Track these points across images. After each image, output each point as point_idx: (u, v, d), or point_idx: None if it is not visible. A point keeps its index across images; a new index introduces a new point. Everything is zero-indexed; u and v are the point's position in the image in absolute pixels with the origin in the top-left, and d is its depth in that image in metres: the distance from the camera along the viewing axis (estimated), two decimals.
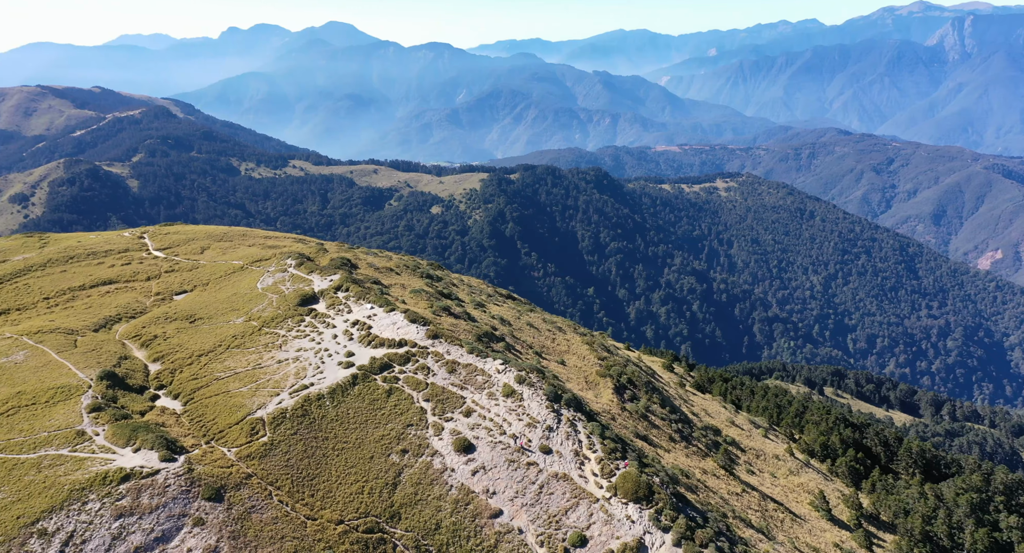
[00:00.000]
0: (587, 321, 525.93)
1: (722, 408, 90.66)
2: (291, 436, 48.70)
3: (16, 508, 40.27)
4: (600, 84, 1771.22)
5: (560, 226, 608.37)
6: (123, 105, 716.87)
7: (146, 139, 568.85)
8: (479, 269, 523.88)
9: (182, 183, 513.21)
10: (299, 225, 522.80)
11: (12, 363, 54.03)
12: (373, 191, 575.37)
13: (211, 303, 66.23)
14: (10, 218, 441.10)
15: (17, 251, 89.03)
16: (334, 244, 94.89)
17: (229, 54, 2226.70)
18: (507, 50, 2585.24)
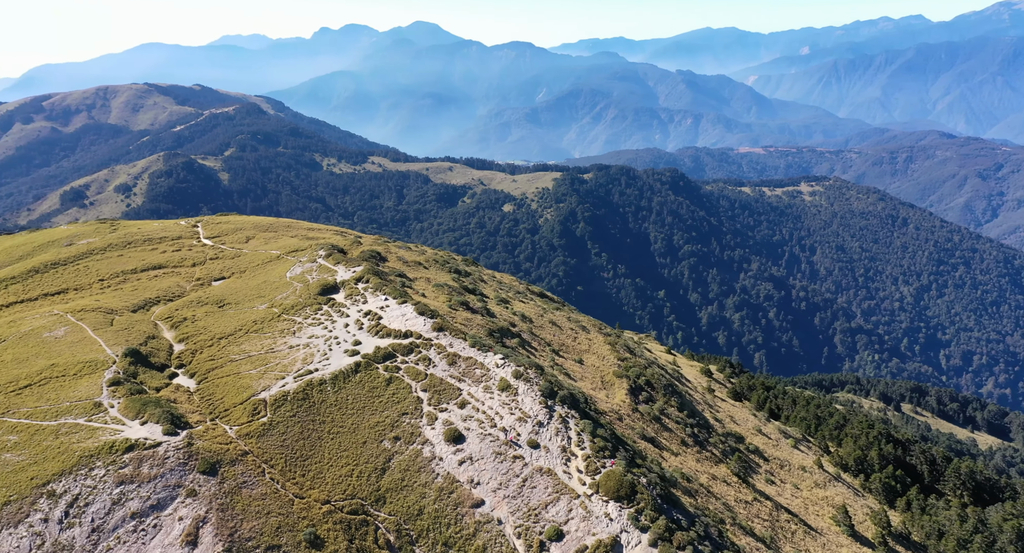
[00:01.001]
0: (656, 324, 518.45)
1: (751, 416, 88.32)
2: (290, 418, 51.21)
3: (31, 470, 44.26)
4: (683, 83, 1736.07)
5: (632, 227, 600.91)
6: (220, 102, 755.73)
7: (238, 134, 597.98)
8: (548, 268, 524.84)
9: (268, 177, 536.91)
10: (375, 220, 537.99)
11: (53, 337, 59.13)
12: (447, 188, 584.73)
13: (241, 289, 70.07)
14: (114, 206, 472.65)
15: (89, 236, 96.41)
16: (371, 237, 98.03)
17: (320, 53, 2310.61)
18: (589, 49, 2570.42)
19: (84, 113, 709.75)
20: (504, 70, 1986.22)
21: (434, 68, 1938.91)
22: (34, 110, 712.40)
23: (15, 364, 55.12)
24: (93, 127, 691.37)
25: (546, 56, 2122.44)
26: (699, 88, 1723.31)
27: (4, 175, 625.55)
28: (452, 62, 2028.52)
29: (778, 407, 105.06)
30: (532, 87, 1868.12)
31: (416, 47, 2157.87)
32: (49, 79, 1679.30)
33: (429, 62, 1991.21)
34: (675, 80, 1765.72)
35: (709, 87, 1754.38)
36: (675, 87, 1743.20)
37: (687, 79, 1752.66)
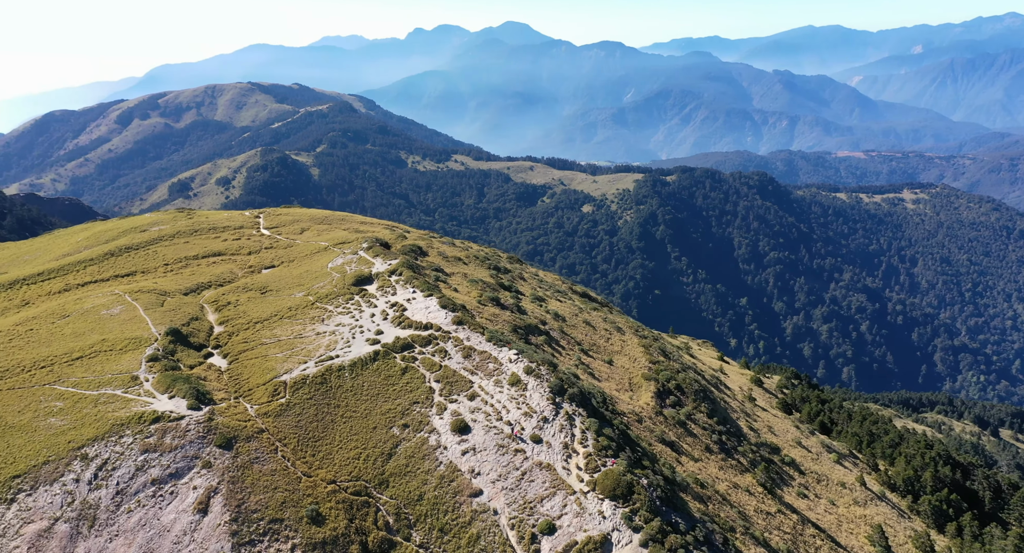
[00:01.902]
0: (737, 332, 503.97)
1: (793, 428, 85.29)
2: (306, 400, 53.88)
3: (70, 434, 48.62)
4: (780, 84, 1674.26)
5: (715, 232, 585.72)
6: (315, 100, 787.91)
7: (330, 132, 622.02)
8: (625, 270, 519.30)
9: (356, 173, 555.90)
10: (455, 217, 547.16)
11: (109, 315, 64.36)
12: (527, 187, 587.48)
13: (285, 277, 73.88)
14: (215, 198, 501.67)
15: (166, 223, 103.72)
16: (419, 232, 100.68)
17: (413, 53, 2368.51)
18: (681, 48, 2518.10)
19: (194, 110, 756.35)
20: (592, 70, 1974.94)
21: (522, 68, 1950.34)
22: (151, 107, 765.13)
23: (73, 337, 60.50)
24: (201, 123, 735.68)
25: (636, 56, 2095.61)
26: (797, 89, 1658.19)
27: (123, 167, 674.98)
28: (540, 62, 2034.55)
29: (831, 421, 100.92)
30: (620, 87, 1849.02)
31: (506, 47, 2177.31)
32: (167, 78, 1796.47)
33: (518, 62, 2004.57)
34: (771, 80, 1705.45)
35: (808, 88, 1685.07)
36: (771, 88, 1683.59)
37: (784, 80, 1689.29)
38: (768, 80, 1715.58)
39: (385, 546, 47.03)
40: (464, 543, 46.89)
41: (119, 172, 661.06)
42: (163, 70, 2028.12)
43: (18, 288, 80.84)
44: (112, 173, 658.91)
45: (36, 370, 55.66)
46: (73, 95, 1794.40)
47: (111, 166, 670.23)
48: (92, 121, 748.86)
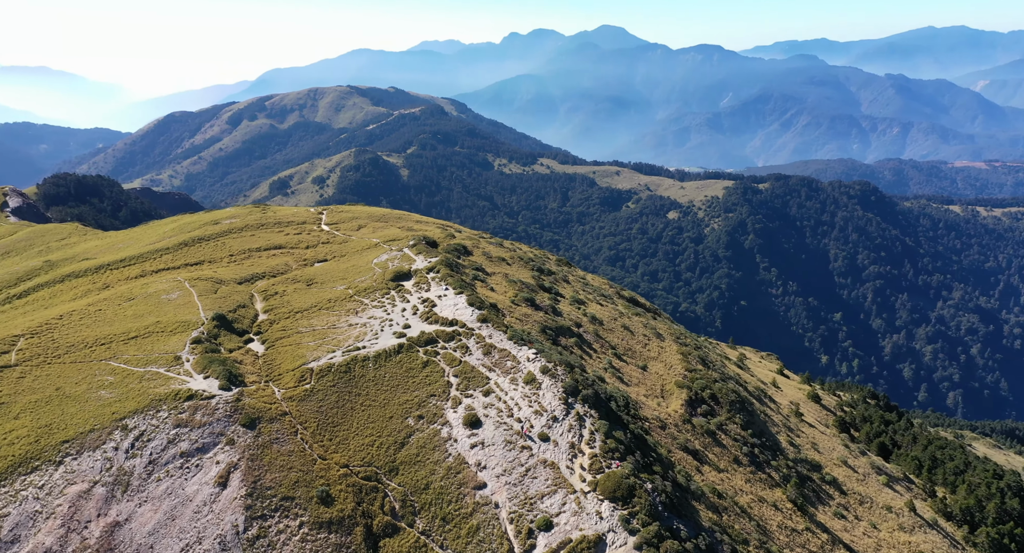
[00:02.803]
0: (829, 349, 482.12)
1: (841, 446, 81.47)
2: (330, 387, 56.61)
3: (115, 406, 53.20)
4: (892, 88, 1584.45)
5: (809, 243, 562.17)
6: (409, 103, 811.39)
7: (420, 134, 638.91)
8: (710, 280, 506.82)
9: (443, 174, 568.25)
10: (538, 220, 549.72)
11: (168, 299, 69.69)
12: (612, 192, 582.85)
13: (332, 271, 77.51)
14: (310, 196, 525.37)
15: (241, 217, 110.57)
16: (470, 232, 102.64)
17: (508, 57, 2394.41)
18: (784, 51, 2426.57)
19: (296, 112, 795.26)
20: (688, 74, 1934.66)
21: (616, 71, 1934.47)
22: (258, 109, 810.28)
23: (133, 318, 65.95)
24: (303, 124, 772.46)
25: (735, 59, 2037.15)
26: (911, 94, 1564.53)
27: (231, 164, 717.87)
28: (635, 65, 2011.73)
29: (894, 443, 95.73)
30: (716, 91, 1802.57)
31: (600, 51, 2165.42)
32: (277, 81, 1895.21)
33: (611, 65, 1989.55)
34: (883, 85, 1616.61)
35: (924, 93, 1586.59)
36: (882, 92, 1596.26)
37: (898, 84, 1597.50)
38: (879, 84, 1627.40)
39: (389, 530, 48.88)
40: (464, 533, 48.12)
41: (228, 169, 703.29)
42: (273, 74, 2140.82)
43: (103, 273, 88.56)
44: (222, 170, 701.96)
45: (97, 346, 61.17)
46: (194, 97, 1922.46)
47: (221, 164, 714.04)
48: (207, 122, 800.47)
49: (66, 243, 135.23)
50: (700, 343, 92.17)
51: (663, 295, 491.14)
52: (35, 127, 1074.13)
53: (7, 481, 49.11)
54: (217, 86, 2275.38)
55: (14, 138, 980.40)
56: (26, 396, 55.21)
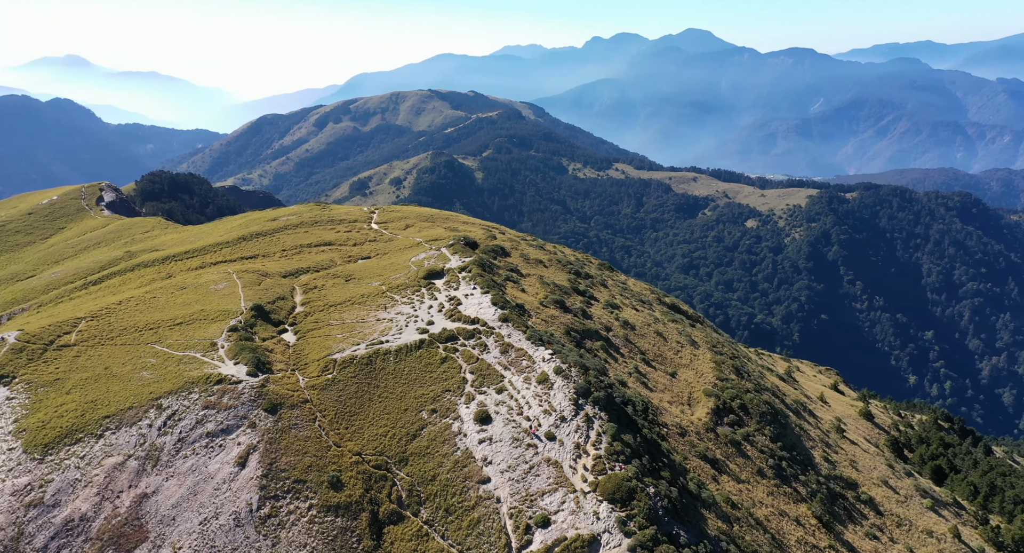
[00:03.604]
0: (918, 369, 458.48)
1: (884, 466, 77.69)
2: (351, 378, 58.87)
3: (153, 386, 57.13)
4: (1004, 94, 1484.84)
5: (900, 256, 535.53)
6: (487, 107, 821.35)
7: (496, 137, 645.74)
8: (788, 291, 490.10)
9: (517, 178, 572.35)
10: (610, 226, 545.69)
11: (214, 289, 74.00)
12: (687, 199, 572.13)
13: (371, 268, 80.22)
14: (387, 196, 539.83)
15: (300, 214, 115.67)
16: (514, 233, 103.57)
17: (589, 62, 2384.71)
18: (884, 55, 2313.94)
19: (379, 115, 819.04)
20: (777, 78, 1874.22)
21: (700, 76, 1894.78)
22: (343, 112, 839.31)
23: (181, 306, 70.45)
24: (384, 127, 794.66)
25: (828, 63, 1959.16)
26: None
27: (316, 165, 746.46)
28: (720, 70, 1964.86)
29: (952, 468, 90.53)
30: (807, 96, 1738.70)
31: (684, 54, 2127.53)
32: (363, 85, 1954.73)
33: (696, 70, 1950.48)
34: (994, 90, 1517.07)
35: None
36: (992, 98, 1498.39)
37: (1011, 89, 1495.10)
38: (990, 89, 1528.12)
39: (394, 518, 50.50)
40: (465, 525, 49.20)
41: (313, 170, 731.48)
42: (360, 78, 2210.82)
43: (168, 263, 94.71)
44: (307, 170, 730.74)
45: (145, 331, 65.73)
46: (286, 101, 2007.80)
47: (307, 164, 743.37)
48: (295, 124, 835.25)
49: (148, 236, 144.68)
50: (739, 353, 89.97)
51: (737, 305, 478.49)
52: (143, 128, 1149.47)
53: (54, 450, 53.63)
54: (308, 90, 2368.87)
55: (125, 138, 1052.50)
56: (79, 373, 60.04)
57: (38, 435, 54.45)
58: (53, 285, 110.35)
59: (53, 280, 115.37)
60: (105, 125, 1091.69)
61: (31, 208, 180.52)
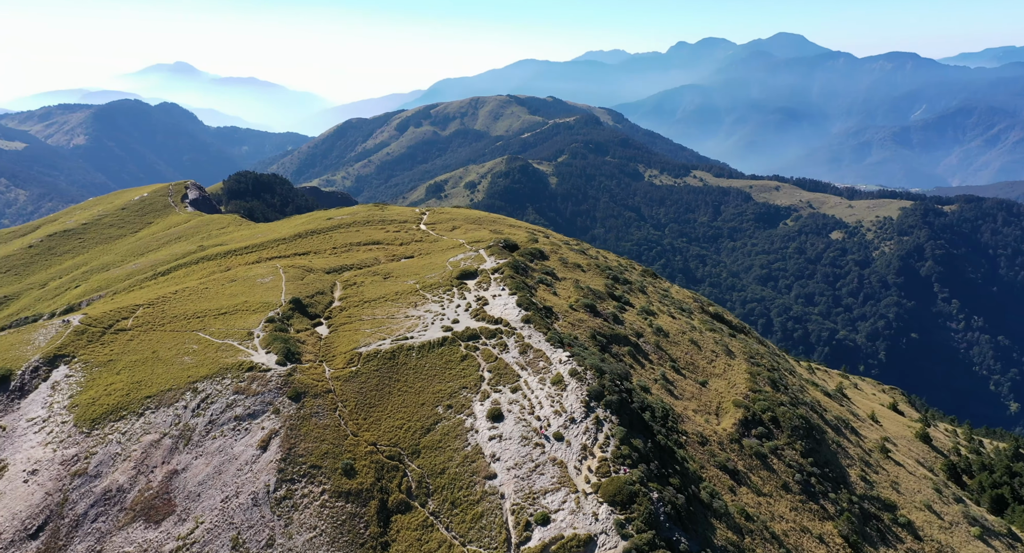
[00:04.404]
0: (1021, 396, 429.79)
1: (931, 490, 73.47)
2: (373, 371, 60.91)
3: (192, 370, 60.91)
4: None
5: (1004, 274, 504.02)
6: (565, 113, 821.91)
7: (572, 143, 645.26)
8: (875, 307, 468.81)
9: (591, 183, 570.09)
10: (685, 234, 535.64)
11: (260, 282, 77.93)
12: (768, 208, 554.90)
13: (410, 267, 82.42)
14: (461, 199, 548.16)
15: (356, 214, 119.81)
16: (559, 237, 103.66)
17: (673, 67, 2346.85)
18: (997, 59, 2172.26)
19: (458, 120, 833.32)
20: (874, 84, 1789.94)
21: (790, 81, 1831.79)
22: (423, 117, 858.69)
23: (228, 297, 74.61)
24: (462, 132, 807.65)
25: (932, 68, 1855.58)
26: None
27: (396, 168, 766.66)
28: (812, 75, 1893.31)
29: (1016, 498, 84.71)
30: (907, 103, 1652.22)
31: (774, 60, 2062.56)
32: (446, 91, 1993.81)
33: (785, 75, 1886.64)
34: None
35: None
36: None
37: None
38: None
39: (402, 508, 52.05)
40: (468, 518, 50.22)
41: (392, 173, 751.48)
42: (443, 84, 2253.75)
43: (229, 258, 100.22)
44: (387, 173, 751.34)
45: (192, 319, 70.05)
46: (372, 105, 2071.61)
47: (387, 167, 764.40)
48: (378, 128, 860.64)
49: (223, 231, 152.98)
50: (780, 365, 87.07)
51: (818, 320, 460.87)
52: (240, 131, 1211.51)
53: (100, 426, 58.05)
54: (394, 95, 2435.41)
55: (222, 140, 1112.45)
56: (129, 356, 64.67)
57: (88, 411, 59.09)
58: (132, 275, 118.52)
59: (133, 271, 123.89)
60: (206, 128, 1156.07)
61: (125, 204, 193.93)
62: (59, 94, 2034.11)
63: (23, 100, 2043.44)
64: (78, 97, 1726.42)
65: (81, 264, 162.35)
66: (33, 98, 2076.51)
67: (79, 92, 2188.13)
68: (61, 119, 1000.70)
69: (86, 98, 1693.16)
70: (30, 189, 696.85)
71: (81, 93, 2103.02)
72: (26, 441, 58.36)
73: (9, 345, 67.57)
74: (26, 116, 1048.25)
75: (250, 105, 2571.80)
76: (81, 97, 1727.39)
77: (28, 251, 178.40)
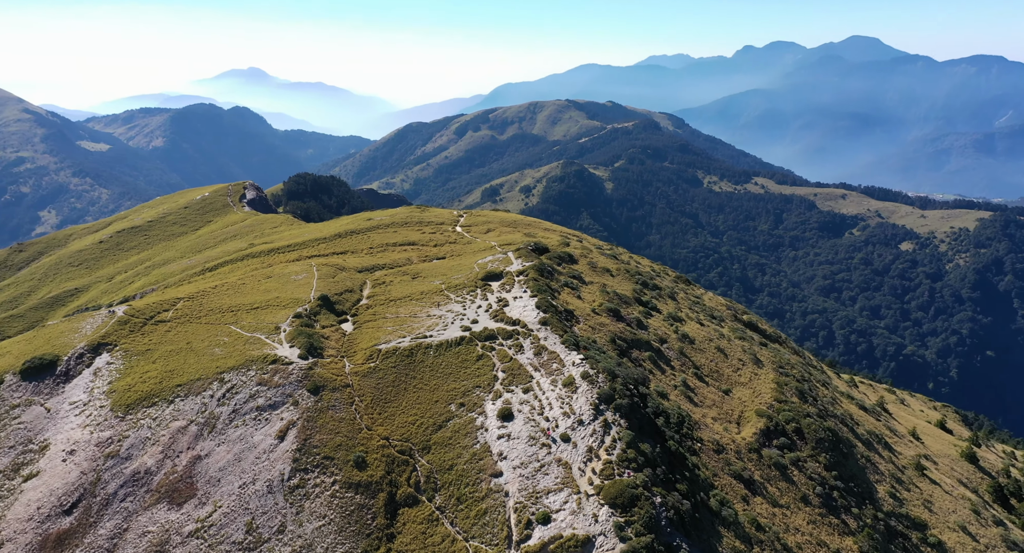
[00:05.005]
0: None
1: (967, 510, 70.02)
2: (391, 367, 62.30)
3: (220, 361, 63.60)
4: None
5: None
6: (624, 117, 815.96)
7: (630, 148, 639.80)
8: (947, 322, 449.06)
9: (647, 189, 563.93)
10: (744, 241, 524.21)
11: (295, 279, 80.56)
12: (833, 217, 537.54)
13: (439, 268, 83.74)
14: (516, 203, 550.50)
15: (396, 215, 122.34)
16: (592, 241, 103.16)
17: (739, 72, 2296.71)
18: None
19: (516, 124, 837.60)
20: (955, 88, 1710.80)
21: (863, 86, 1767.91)
22: (482, 121, 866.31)
23: (262, 292, 77.46)
24: (520, 136, 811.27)
25: (1020, 72, 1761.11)
26: None
27: (453, 171, 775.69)
28: (887, 80, 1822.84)
29: None
30: (992, 109, 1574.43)
31: (846, 64, 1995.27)
32: (506, 95, 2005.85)
33: (858, 80, 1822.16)
34: None
35: None
36: None
37: None
38: None
39: (410, 501, 53.12)
40: (472, 514, 50.91)
41: (450, 176, 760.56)
42: (504, 88, 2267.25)
43: (272, 255, 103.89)
44: (444, 176, 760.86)
45: (226, 312, 73.07)
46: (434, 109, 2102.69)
47: (445, 170, 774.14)
48: (437, 132, 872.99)
49: (275, 230, 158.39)
50: (812, 376, 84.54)
51: (884, 334, 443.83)
52: (306, 134, 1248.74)
53: (133, 411, 61.26)
54: (455, 99, 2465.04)
55: (289, 143, 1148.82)
56: (166, 346, 67.98)
57: (123, 396, 62.43)
58: (185, 270, 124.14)
59: (187, 266, 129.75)
60: (274, 131, 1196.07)
61: (187, 203, 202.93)
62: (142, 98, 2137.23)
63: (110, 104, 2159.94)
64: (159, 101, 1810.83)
65: (145, 259, 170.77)
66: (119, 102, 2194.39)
67: (160, 96, 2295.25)
68: (142, 122, 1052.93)
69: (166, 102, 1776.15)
70: (112, 188, 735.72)
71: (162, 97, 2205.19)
72: (67, 423, 62.10)
73: (60, 333, 72.00)
74: (111, 119, 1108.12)
75: (317, 109, 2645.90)
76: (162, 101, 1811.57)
77: (99, 246, 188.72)
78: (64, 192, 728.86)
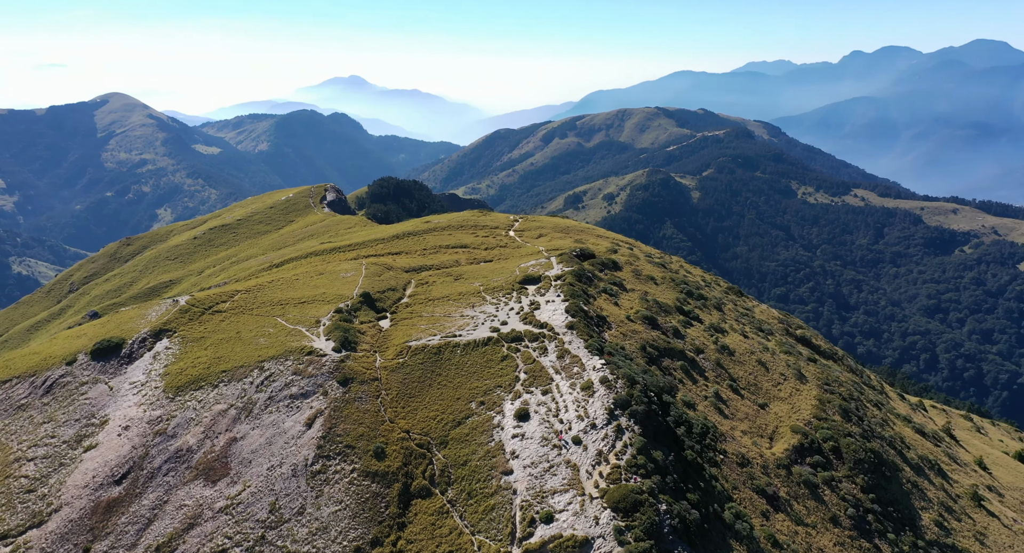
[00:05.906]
0: None
1: None
2: (419, 364, 64.07)
3: (262, 350, 67.30)
4: None
5: None
6: (716, 125, 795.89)
7: (720, 157, 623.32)
8: None
9: (736, 199, 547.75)
10: (840, 256, 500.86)
11: (343, 276, 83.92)
12: (942, 233, 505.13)
13: (482, 270, 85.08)
14: (598, 211, 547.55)
15: (453, 219, 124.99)
16: (643, 249, 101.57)
17: (845, 78, 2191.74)
18: None
19: (603, 132, 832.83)
20: None
21: (987, 93, 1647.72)
22: (569, 128, 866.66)
23: (311, 288, 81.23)
24: (606, 144, 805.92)
25: None
26: None
27: (539, 178, 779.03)
28: (1015, 86, 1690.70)
29: None
30: None
31: (967, 69, 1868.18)
32: (597, 102, 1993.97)
33: (981, 87, 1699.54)
34: None
35: None
36: None
37: None
38: None
39: (423, 493, 54.62)
40: (481, 509, 51.88)
41: (535, 182, 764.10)
42: (595, 95, 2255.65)
43: (333, 254, 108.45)
44: (530, 183, 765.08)
45: (276, 306, 77.14)
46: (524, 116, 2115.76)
47: (530, 177, 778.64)
48: (524, 138, 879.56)
49: (349, 231, 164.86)
50: (863, 395, 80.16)
51: (996, 360, 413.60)
52: (399, 140, 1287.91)
53: (183, 393, 65.80)
54: (545, 106, 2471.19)
55: (383, 149, 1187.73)
56: (218, 334, 72.57)
57: (176, 379, 67.18)
58: (259, 265, 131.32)
59: (262, 262, 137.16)
60: (370, 136, 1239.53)
61: (273, 203, 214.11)
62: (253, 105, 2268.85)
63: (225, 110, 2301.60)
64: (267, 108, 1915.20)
65: (232, 255, 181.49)
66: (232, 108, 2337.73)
67: (268, 103, 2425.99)
68: (249, 127, 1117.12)
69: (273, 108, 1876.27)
70: (220, 189, 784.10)
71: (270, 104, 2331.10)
72: (125, 401, 67.40)
73: (128, 318, 78.20)
74: (223, 125, 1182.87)
75: (411, 115, 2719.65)
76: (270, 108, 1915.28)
77: (192, 242, 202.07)
78: (179, 192, 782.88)
